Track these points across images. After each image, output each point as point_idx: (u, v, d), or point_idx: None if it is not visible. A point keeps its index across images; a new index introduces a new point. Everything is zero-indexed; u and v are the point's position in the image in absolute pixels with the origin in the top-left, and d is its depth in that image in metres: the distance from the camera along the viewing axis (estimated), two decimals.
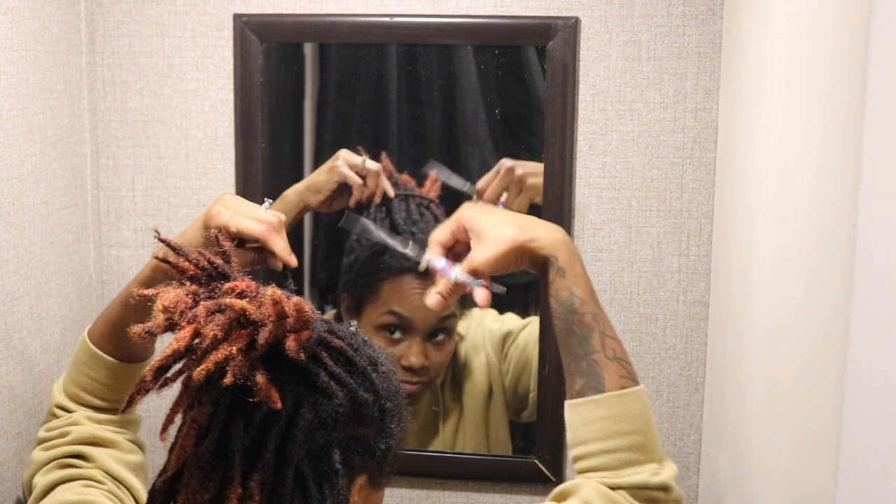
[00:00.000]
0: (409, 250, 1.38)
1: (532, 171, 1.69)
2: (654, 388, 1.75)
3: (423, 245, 1.35)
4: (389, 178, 1.74)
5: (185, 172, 1.81)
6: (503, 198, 1.71)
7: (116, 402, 1.39)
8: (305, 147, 1.83)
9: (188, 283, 1.10)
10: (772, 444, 1.24)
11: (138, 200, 1.82)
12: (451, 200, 1.73)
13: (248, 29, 1.73)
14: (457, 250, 1.34)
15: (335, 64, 1.79)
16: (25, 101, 1.56)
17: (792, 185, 1.18)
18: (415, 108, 1.77)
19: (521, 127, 1.74)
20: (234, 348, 1.00)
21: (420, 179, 1.77)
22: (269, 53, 1.74)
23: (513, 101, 1.73)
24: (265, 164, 1.76)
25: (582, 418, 1.23)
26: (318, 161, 1.80)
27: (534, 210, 1.72)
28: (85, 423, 1.37)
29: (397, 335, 1.73)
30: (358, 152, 1.74)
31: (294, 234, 1.82)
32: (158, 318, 1.05)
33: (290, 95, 1.80)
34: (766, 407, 1.28)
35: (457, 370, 1.79)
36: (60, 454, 1.34)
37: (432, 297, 1.30)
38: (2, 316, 1.50)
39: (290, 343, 1.02)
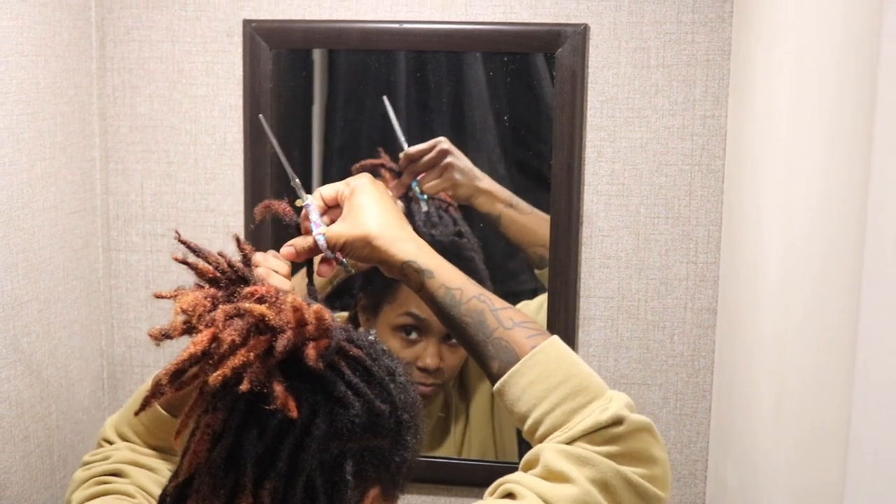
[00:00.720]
0: (295, 183, 1.33)
1: (461, 166, 1.70)
2: (661, 395, 1.75)
3: (309, 191, 1.33)
4: (393, 178, 1.75)
5: (193, 177, 1.81)
6: (420, 176, 1.72)
7: (161, 446, 1.37)
8: (314, 153, 1.83)
9: (207, 286, 1.09)
10: (779, 451, 1.24)
11: (147, 205, 1.83)
12: (477, 161, 1.75)
13: (258, 35, 1.73)
14: (333, 216, 1.32)
15: (344, 70, 1.79)
16: (35, 106, 1.57)
17: (800, 193, 1.18)
18: (423, 114, 1.77)
19: (530, 133, 1.74)
20: (252, 354, 0.99)
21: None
22: (278, 59, 1.75)
23: (521, 107, 1.73)
24: (274, 169, 1.76)
25: (513, 394, 1.19)
26: (327, 167, 1.80)
27: (466, 211, 1.73)
28: (126, 451, 1.36)
29: (413, 336, 1.73)
30: (377, 154, 1.75)
31: None
32: (176, 320, 1.03)
33: (299, 101, 1.80)
34: (774, 415, 1.27)
35: (464, 371, 1.79)
36: (99, 472, 1.33)
37: (285, 247, 1.29)
38: (10, 320, 1.51)
39: (310, 351, 1.01)
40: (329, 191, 1.32)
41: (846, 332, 0.95)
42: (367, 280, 1.79)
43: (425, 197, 1.73)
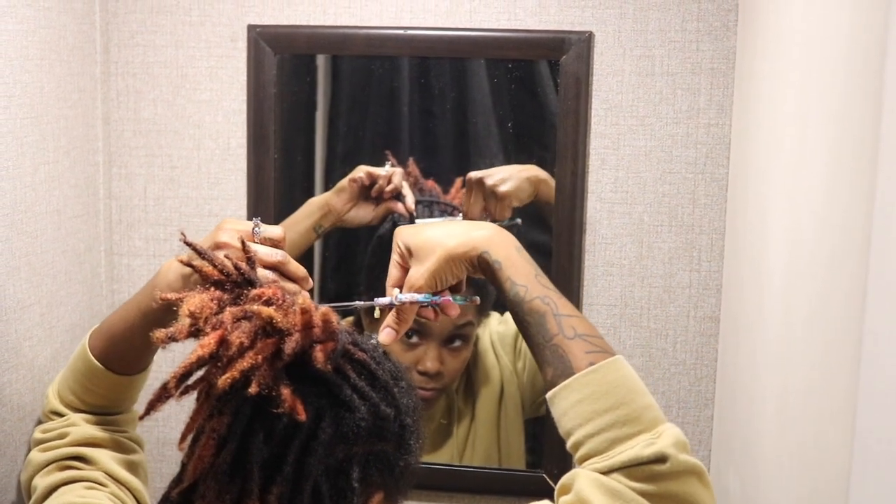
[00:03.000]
0: (362, 302, 1.30)
1: (500, 178, 1.70)
2: (663, 403, 1.75)
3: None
4: (415, 183, 1.75)
5: (197, 182, 1.81)
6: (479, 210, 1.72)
7: (112, 407, 1.38)
8: (317, 158, 1.83)
9: (212, 289, 1.08)
10: (783, 461, 1.24)
11: (150, 210, 1.83)
12: (460, 162, 1.75)
13: (262, 40, 1.73)
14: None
15: (348, 76, 1.79)
16: (39, 110, 1.57)
17: (805, 201, 1.18)
18: (427, 120, 1.77)
19: (534, 141, 1.74)
20: (261, 357, 0.99)
21: (446, 186, 1.77)
22: (282, 65, 1.75)
23: (525, 114, 1.73)
24: (277, 174, 1.76)
25: (561, 408, 1.12)
26: (330, 172, 1.80)
27: (520, 211, 1.72)
28: (82, 424, 1.35)
29: (414, 339, 1.73)
30: (385, 157, 1.76)
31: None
32: (183, 322, 1.03)
33: (303, 107, 1.80)
34: (777, 423, 1.27)
35: (469, 377, 1.79)
36: (60, 456, 1.32)
37: (383, 333, 1.23)
38: (12, 323, 1.50)
39: (318, 354, 1.01)
40: (392, 273, 1.27)
41: (850, 341, 0.94)
42: (367, 285, 1.79)
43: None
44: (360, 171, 1.75)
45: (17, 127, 1.51)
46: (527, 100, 1.73)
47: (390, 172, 1.74)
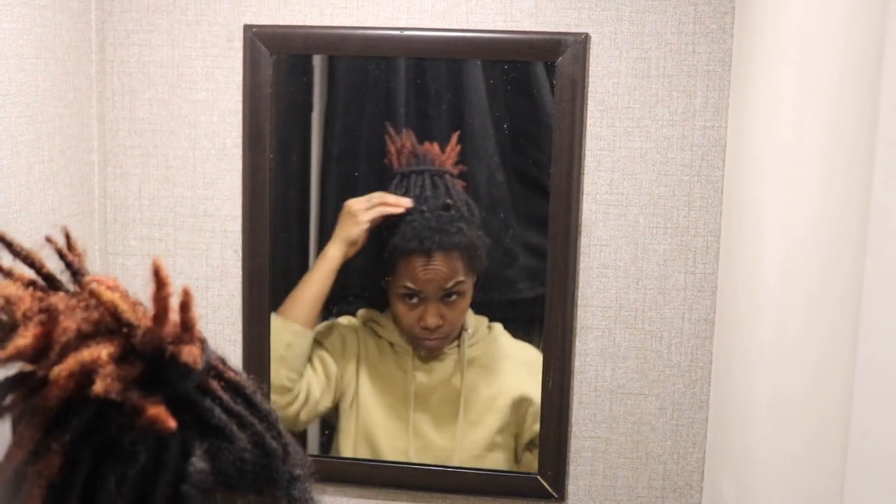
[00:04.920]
0: None
1: None
2: (658, 405, 1.75)
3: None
4: (412, 151, 1.78)
5: (192, 182, 1.81)
6: None
7: None
8: (312, 159, 1.82)
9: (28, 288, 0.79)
10: (776, 462, 1.24)
11: (145, 209, 1.83)
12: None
13: (259, 40, 1.73)
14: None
15: (344, 76, 1.79)
16: (34, 109, 1.57)
17: (800, 204, 1.18)
18: (423, 121, 1.77)
19: (529, 142, 1.74)
20: (104, 352, 0.71)
21: (443, 144, 1.77)
22: (278, 65, 1.75)
23: (521, 116, 1.73)
24: (272, 175, 1.76)
25: None
26: (326, 173, 1.80)
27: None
28: None
29: (415, 300, 1.80)
30: (391, 136, 1.77)
31: (298, 248, 1.82)
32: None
33: (299, 107, 1.80)
34: (771, 426, 1.27)
35: (487, 366, 1.83)
36: None
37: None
38: None
39: (185, 349, 0.73)
40: None
41: (845, 343, 0.94)
42: (384, 263, 1.81)
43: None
44: (368, 219, 1.78)
45: (12, 126, 1.50)
46: (523, 101, 1.73)
47: (405, 204, 1.78)
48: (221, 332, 1.83)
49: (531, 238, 1.76)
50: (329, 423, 1.84)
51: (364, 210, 1.78)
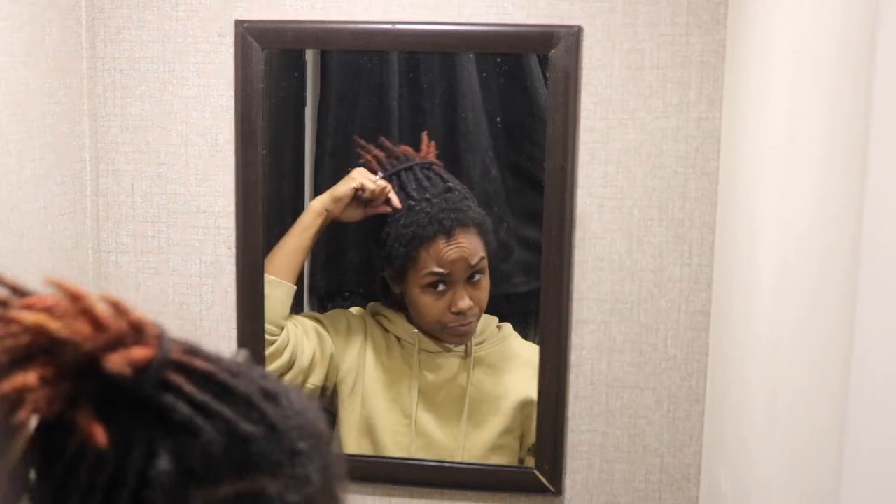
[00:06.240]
0: None
1: None
2: (654, 398, 1.74)
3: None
4: (390, 153, 1.78)
5: (184, 179, 1.80)
6: None
7: None
8: (306, 154, 1.82)
9: None
10: (773, 455, 1.24)
11: (137, 206, 1.82)
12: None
13: (250, 35, 1.72)
14: None
15: (336, 71, 1.78)
16: (25, 106, 1.56)
17: (795, 195, 1.17)
18: (416, 115, 1.76)
19: (523, 135, 1.74)
20: (32, 377, 0.69)
21: (416, 145, 1.77)
22: (270, 60, 1.74)
23: (514, 109, 1.73)
24: (265, 170, 1.75)
25: None
26: (319, 168, 1.79)
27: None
28: None
29: (441, 288, 1.78)
30: (381, 143, 1.77)
31: None
32: None
33: (291, 102, 1.80)
34: (768, 418, 1.27)
35: (495, 364, 1.83)
36: None
37: None
38: None
39: (112, 357, 0.70)
40: None
41: (841, 336, 0.94)
42: (386, 256, 1.80)
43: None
44: (360, 181, 1.76)
45: (2, 124, 1.50)
46: (516, 94, 1.72)
47: (384, 186, 1.76)
48: (215, 329, 1.82)
49: (526, 232, 1.75)
50: (330, 412, 1.83)
51: (366, 178, 1.76)
